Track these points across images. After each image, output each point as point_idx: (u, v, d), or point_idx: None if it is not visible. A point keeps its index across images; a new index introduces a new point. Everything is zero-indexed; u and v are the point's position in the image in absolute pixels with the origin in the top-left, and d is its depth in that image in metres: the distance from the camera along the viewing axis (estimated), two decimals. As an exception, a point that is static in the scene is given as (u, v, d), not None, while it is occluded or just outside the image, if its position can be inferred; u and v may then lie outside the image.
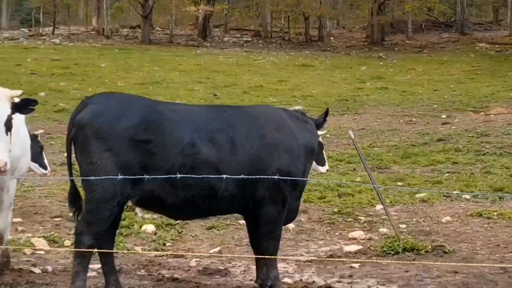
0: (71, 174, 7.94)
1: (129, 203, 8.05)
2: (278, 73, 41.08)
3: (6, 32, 62.31)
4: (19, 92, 7.62)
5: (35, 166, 12.28)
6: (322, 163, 12.43)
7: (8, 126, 7.32)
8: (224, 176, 7.50)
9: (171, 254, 10.12)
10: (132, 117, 7.37)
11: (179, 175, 7.30)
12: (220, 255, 10.16)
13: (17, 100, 7.65)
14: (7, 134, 7.30)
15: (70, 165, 7.98)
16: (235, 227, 11.86)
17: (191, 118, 7.72)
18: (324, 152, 12.47)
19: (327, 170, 12.75)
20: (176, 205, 7.64)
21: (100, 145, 7.23)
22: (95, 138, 7.25)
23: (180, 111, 7.84)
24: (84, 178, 7.40)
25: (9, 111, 7.38)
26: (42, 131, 14.92)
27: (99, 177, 7.21)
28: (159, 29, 64.28)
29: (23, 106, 7.63)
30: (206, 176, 7.46)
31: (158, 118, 7.49)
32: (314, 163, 12.05)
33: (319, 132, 11.18)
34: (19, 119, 8.47)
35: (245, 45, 56.16)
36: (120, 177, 7.18)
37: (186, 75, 38.87)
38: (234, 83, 36.54)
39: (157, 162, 7.37)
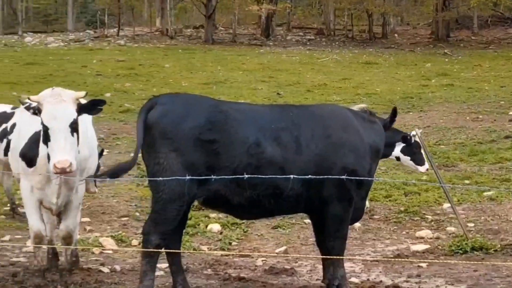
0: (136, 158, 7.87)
1: (195, 202, 8.08)
2: (341, 71, 40.85)
3: (72, 34, 63.30)
4: (83, 93, 7.68)
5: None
6: (421, 163, 12.20)
7: (74, 127, 7.37)
8: (291, 176, 7.47)
9: (237, 254, 10.13)
10: (197, 117, 7.39)
11: (246, 176, 7.29)
12: (286, 254, 10.13)
13: (83, 101, 7.73)
14: (73, 135, 7.36)
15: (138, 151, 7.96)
16: (300, 226, 11.83)
17: (256, 118, 7.71)
18: (422, 151, 12.12)
19: (427, 170, 12.48)
20: (241, 205, 7.64)
21: (166, 145, 7.27)
22: (162, 139, 7.29)
23: (244, 111, 7.84)
24: (151, 179, 7.44)
25: (74, 112, 7.43)
26: None
27: (166, 178, 7.24)
28: (222, 28, 64.50)
29: (91, 107, 7.69)
30: (273, 176, 7.44)
31: (223, 118, 7.50)
32: (412, 163, 12.00)
33: (417, 131, 11.11)
34: (86, 120, 8.58)
35: (308, 43, 56.00)
36: (187, 177, 7.21)
37: (249, 74, 38.92)
38: (297, 81, 36.45)
39: (223, 162, 7.38)
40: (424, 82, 36.45)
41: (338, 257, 8.07)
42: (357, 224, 11.48)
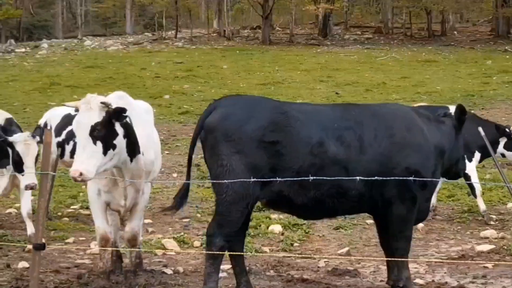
0: (189, 175, 7.92)
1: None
2: (400, 69, 40.48)
3: (131, 37, 63.92)
4: (107, 99, 7.62)
5: None
6: None
7: (95, 135, 7.34)
8: (357, 178, 7.40)
9: (299, 255, 10.08)
10: (260, 119, 7.37)
11: (312, 177, 7.24)
12: (349, 255, 10.04)
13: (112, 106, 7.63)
14: (95, 144, 7.33)
15: (190, 166, 8.00)
16: (362, 227, 11.74)
17: (318, 117, 7.66)
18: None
19: None
20: (305, 205, 7.59)
21: (229, 147, 7.26)
22: (225, 141, 7.28)
23: (306, 111, 7.78)
24: (214, 181, 7.45)
25: (97, 120, 7.39)
26: None
27: (230, 180, 7.23)
28: (279, 29, 64.45)
29: (117, 115, 7.58)
30: (338, 178, 7.38)
31: (285, 119, 7.46)
32: None
33: None
34: (150, 123, 8.64)
35: (366, 42, 55.60)
36: (252, 179, 7.20)
37: (307, 74, 38.82)
38: (356, 81, 36.23)
39: (286, 163, 7.35)
40: (485, 79, 35.89)
41: (402, 258, 7.97)
42: (420, 225, 11.35)
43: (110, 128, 7.44)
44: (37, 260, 6.99)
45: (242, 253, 7.98)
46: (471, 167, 12.21)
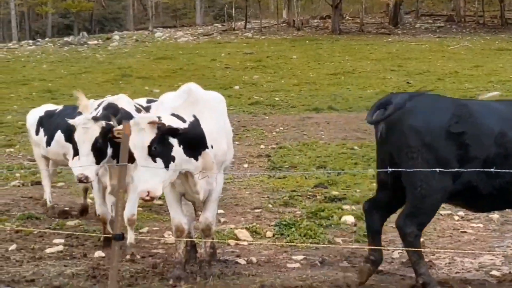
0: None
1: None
2: (473, 58, 39.82)
3: (201, 28, 64.34)
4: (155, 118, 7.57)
5: None
6: None
7: (153, 154, 7.33)
8: None
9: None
10: (444, 112, 7.54)
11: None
12: (423, 247, 9.90)
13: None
14: (155, 161, 7.33)
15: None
16: (436, 218, 11.50)
17: (494, 110, 7.80)
18: None
19: None
20: (489, 194, 7.67)
21: (418, 140, 7.42)
22: (413, 135, 7.44)
23: (481, 104, 7.97)
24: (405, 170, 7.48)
25: (150, 140, 7.34)
26: None
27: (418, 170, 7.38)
28: (349, 18, 64.06)
29: (170, 133, 7.50)
30: None
31: (467, 111, 7.60)
32: None
33: None
34: (221, 113, 8.65)
35: (437, 30, 54.90)
36: (440, 170, 7.32)
37: (378, 64, 38.52)
38: (427, 70, 35.80)
39: (472, 153, 7.49)
40: (560, 67, 35.12)
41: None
42: (495, 216, 11.17)
43: (165, 143, 7.44)
44: (116, 251, 7.07)
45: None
46: None
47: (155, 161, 7.32)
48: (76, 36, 62.57)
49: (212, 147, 7.93)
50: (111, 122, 8.66)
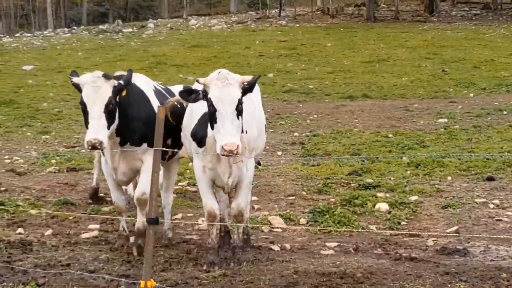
0: None
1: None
2: (509, 46, 39.29)
3: (235, 16, 64.29)
4: (249, 77, 7.74)
5: None
6: None
7: (239, 110, 7.48)
8: None
9: (407, 233, 9.96)
10: None
11: None
12: (458, 234, 9.86)
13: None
14: (238, 118, 7.46)
15: None
16: (471, 206, 11.48)
17: None
18: None
19: None
20: None
21: None
22: None
23: None
24: None
25: (239, 95, 7.53)
26: None
27: None
28: (384, 6, 63.57)
29: (250, 88, 7.75)
30: None
31: None
32: None
33: None
34: (255, 101, 8.65)
35: (473, 18, 54.27)
36: None
37: (413, 52, 38.23)
38: (463, 58, 35.46)
39: None
40: None
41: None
42: (531, 204, 11.09)
43: (242, 105, 7.61)
44: (151, 235, 7.11)
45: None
46: None
47: (238, 118, 7.46)
48: (111, 24, 62.87)
49: (246, 132, 7.94)
50: (121, 82, 8.21)
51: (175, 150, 9.11)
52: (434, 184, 13.09)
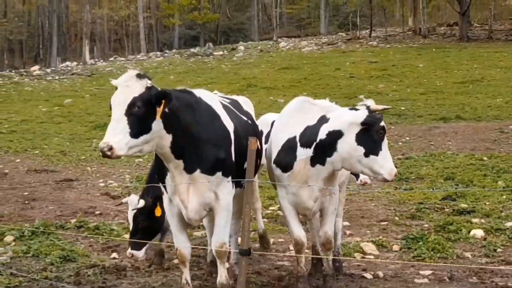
0: None
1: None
2: None
3: (325, 37, 64.34)
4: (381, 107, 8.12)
5: None
6: None
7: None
8: None
9: (503, 261, 9.68)
10: None
11: None
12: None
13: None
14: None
15: None
16: None
17: None
18: None
19: None
20: None
21: None
22: None
23: None
24: None
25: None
26: None
27: None
28: (477, 25, 62.64)
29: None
30: None
31: None
32: None
33: None
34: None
35: None
36: None
37: (507, 72, 37.43)
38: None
39: None
40: None
41: None
42: None
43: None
44: (243, 266, 7.08)
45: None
46: None
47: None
48: (202, 47, 63.76)
49: None
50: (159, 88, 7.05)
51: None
52: (531, 209, 12.74)
